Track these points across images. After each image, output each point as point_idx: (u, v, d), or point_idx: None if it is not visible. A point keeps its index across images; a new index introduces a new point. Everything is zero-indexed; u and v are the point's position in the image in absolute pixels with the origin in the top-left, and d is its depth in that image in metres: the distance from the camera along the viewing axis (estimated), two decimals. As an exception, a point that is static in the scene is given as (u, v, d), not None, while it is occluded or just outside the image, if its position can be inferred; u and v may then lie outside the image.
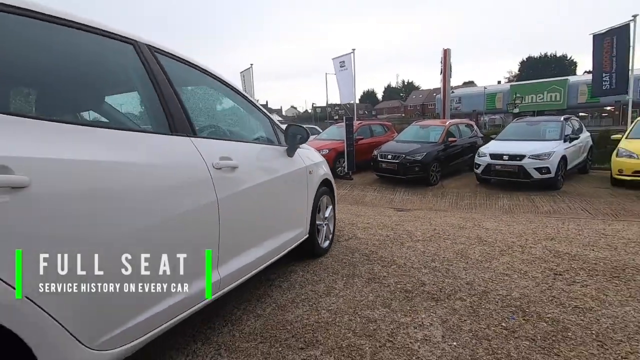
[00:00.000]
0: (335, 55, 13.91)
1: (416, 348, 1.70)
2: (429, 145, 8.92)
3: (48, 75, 1.29)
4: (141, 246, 1.27)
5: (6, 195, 0.90)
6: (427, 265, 2.84)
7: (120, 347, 1.21)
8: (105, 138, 1.26)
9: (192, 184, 1.54)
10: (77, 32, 1.31)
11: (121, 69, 1.53)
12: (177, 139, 1.55)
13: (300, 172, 2.63)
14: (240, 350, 1.71)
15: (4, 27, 1.10)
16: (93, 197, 1.12)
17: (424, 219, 5.01)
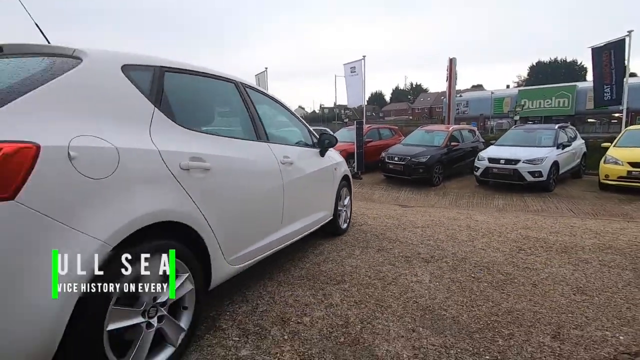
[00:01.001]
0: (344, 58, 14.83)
1: (411, 285, 2.57)
2: (433, 148, 9.73)
3: (204, 105, 2.22)
4: (255, 203, 2.19)
5: (202, 172, 1.79)
6: (424, 243, 3.69)
7: (237, 265, 2.10)
8: (235, 143, 2.17)
9: (271, 172, 2.44)
10: (210, 79, 2.21)
11: (229, 99, 2.43)
12: (261, 144, 2.44)
13: (328, 169, 3.51)
14: (294, 284, 2.59)
15: (178, 78, 1.99)
16: (236, 173, 2.05)
17: (424, 213, 5.85)
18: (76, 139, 1.28)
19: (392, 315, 2.14)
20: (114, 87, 1.56)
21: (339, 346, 1.82)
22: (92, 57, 1.52)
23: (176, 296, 1.62)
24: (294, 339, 1.88)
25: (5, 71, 1.50)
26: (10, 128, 1.16)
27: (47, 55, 1.55)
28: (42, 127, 1.23)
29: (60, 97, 1.34)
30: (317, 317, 2.12)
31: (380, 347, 1.82)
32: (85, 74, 1.46)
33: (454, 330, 1.98)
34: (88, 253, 1.23)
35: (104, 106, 1.49)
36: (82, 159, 1.27)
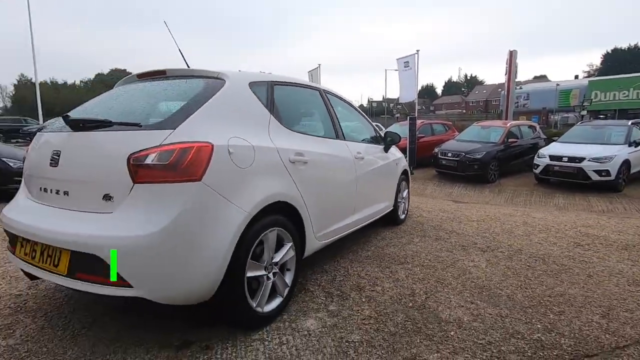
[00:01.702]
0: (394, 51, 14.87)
1: (469, 269, 2.89)
2: (489, 145, 9.60)
3: (300, 110, 2.73)
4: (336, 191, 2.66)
5: (303, 165, 2.28)
6: (479, 235, 3.94)
7: (322, 241, 2.57)
8: (322, 142, 2.65)
9: (348, 165, 2.89)
10: (303, 88, 2.71)
11: (316, 104, 2.91)
12: (340, 142, 2.90)
13: (391, 163, 3.89)
14: (363, 262, 3.02)
15: (282, 90, 2.48)
16: (324, 166, 2.54)
17: (479, 208, 5.97)
18: (231, 139, 1.82)
19: (452, 290, 2.49)
20: (246, 100, 2.09)
21: (408, 309, 2.23)
22: (231, 78, 2.06)
23: (283, 259, 2.13)
24: (370, 301, 2.32)
25: (173, 91, 2.09)
26: (195, 133, 1.71)
27: (199, 77, 2.11)
28: (211, 131, 1.77)
29: (218, 109, 1.89)
30: (387, 287, 2.54)
31: (444, 312, 2.19)
32: (229, 92, 1.99)
33: (509, 304, 2.29)
34: (239, 220, 1.76)
35: (241, 114, 2.02)
36: (236, 154, 1.81)
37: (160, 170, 1.61)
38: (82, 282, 1.62)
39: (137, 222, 1.56)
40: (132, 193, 1.60)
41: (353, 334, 1.95)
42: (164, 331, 1.95)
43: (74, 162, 1.78)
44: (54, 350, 1.81)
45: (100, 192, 1.65)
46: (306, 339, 1.90)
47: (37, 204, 1.93)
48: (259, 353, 1.78)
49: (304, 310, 2.21)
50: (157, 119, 1.80)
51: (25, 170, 2.12)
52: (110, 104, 2.14)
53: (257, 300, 1.94)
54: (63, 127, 1.89)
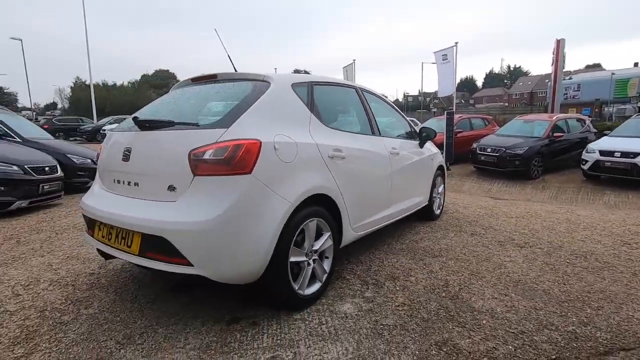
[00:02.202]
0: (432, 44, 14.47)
1: (504, 263, 2.90)
2: (532, 140, 9.19)
3: (337, 108, 2.88)
4: (371, 185, 2.78)
5: (340, 160, 2.42)
6: (518, 231, 3.88)
7: (358, 233, 2.71)
8: (359, 138, 2.78)
9: (383, 160, 2.99)
10: (340, 87, 2.84)
11: (353, 102, 3.04)
12: (375, 138, 3.01)
13: (426, 159, 3.93)
14: (397, 254, 3.13)
15: (321, 89, 2.63)
16: (360, 161, 2.67)
17: (519, 205, 5.80)
18: (277, 136, 2.00)
19: (486, 283, 2.54)
20: (289, 100, 2.27)
21: (441, 298, 2.32)
22: (276, 80, 2.25)
23: (322, 247, 2.30)
24: (404, 290, 2.43)
25: (224, 93, 2.31)
26: (245, 131, 1.91)
27: (247, 80, 2.32)
28: (259, 129, 1.96)
29: (265, 109, 2.08)
30: (420, 278, 2.63)
31: (477, 302, 2.26)
32: (274, 93, 2.18)
33: (544, 298, 2.31)
34: (283, 209, 1.94)
35: (284, 113, 2.20)
36: (281, 150, 1.99)
37: (216, 164, 1.82)
38: (151, 261, 1.88)
39: (197, 209, 1.78)
40: (193, 184, 1.84)
41: (387, 318, 2.08)
42: (216, 308, 2.19)
43: (143, 157, 2.05)
44: (126, 319, 2.10)
45: (166, 184, 1.90)
46: (343, 321, 2.05)
47: (111, 194, 2.23)
48: (300, 330, 1.96)
49: (341, 295, 2.37)
50: (213, 119, 2.02)
51: (100, 165, 2.44)
52: (171, 106, 2.41)
53: (298, 283, 2.13)
54: (132, 127, 2.17)
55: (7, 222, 4.22)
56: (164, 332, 1.96)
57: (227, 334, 1.93)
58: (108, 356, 1.76)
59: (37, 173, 4.79)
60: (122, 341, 1.88)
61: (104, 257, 2.35)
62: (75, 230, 3.90)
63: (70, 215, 4.61)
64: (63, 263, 2.95)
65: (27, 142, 5.99)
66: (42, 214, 4.68)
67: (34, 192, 4.73)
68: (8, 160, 4.53)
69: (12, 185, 4.44)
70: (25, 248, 3.33)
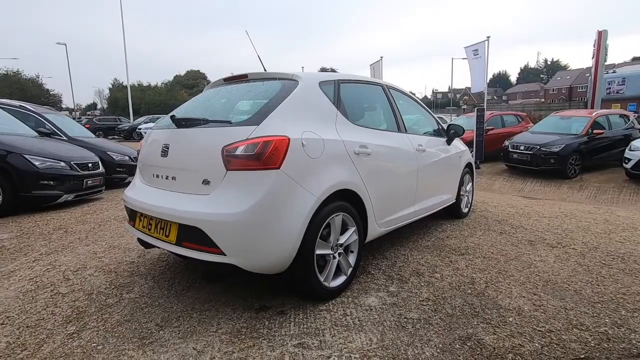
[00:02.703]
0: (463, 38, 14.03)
1: (534, 263, 2.84)
2: (569, 137, 8.79)
3: (363, 105, 2.92)
4: (397, 182, 2.81)
5: (366, 156, 2.47)
6: (550, 231, 3.76)
7: (383, 228, 2.74)
8: (384, 135, 2.81)
9: (409, 157, 3.01)
10: (366, 84, 2.88)
11: (379, 99, 3.07)
12: (401, 135, 3.02)
13: (454, 156, 3.89)
14: (423, 251, 3.13)
15: (347, 87, 2.68)
16: (386, 158, 2.70)
17: (553, 205, 5.59)
18: (304, 133, 2.08)
19: (514, 282, 2.50)
20: (316, 98, 2.34)
21: (466, 295, 2.32)
22: (304, 79, 2.33)
23: (347, 241, 2.35)
24: (429, 286, 2.45)
25: (255, 92, 2.42)
26: (275, 128, 2.00)
27: (277, 79, 2.41)
28: (287, 126, 2.05)
29: (293, 107, 2.17)
30: (446, 274, 2.63)
31: (503, 300, 2.24)
32: (302, 91, 2.26)
33: (575, 299, 2.25)
34: (310, 203, 2.02)
35: (312, 111, 2.28)
36: (308, 146, 2.07)
37: (247, 159, 1.93)
38: (187, 249, 2.01)
39: (229, 202, 1.89)
40: (225, 178, 1.95)
41: (411, 312, 2.11)
42: (246, 296, 2.31)
43: (180, 153, 2.19)
44: (164, 304, 2.25)
45: (201, 178, 2.03)
46: (368, 313, 2.11)
47: (151, 187, 2.39)
48: (325, 320, 2.03)
49: (365, 289, 2.42)
50: (244, 117, 2.13)
51: (140, 160, 2.62)
52: (205, 105, 2.55)
53: (324, 275, 2.20)
54: (170, 125, 2.32)
55: (56, 213, 4.57)
56: (198, 316, 2.10)
57: (256, 321, 2.03)
58: (149, 336, 1.91)
59: (82, 169, 5.15)
60: (160, 323, 2.03)
61: (143, 246, 2.52)
62: (115, 222, 4.17)
63: (111, 208, 4.93)
64: (106, 252, 3.18)
65: (72, 140, 6.44)
66: (86, 207, 5.03)
67: (79, 187, 5.09)
68: (56, 157, 4.91)
69: (60, 180, 4.80)
70: (72, 237, 3.61)
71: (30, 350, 1.80)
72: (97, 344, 1.84)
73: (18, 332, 1.95)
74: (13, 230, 3.84)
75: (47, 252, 3.21)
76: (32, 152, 4.66)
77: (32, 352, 1.79)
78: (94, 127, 20.43)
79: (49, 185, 4.70)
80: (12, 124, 5.51)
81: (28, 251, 3.24)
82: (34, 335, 1.92)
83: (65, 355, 1.76)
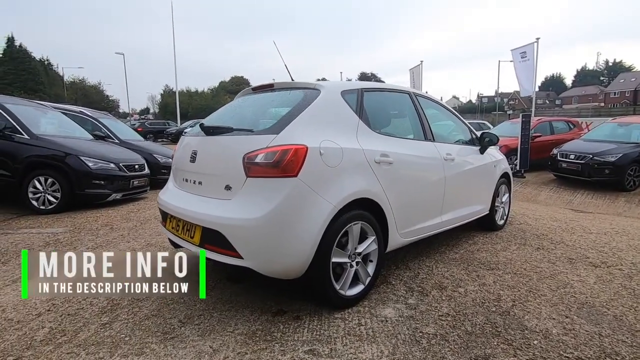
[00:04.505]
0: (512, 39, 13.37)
1: (571, 282, 2.64)
2: (628, 145, 8.05)
3: (387, 114, 2.91)
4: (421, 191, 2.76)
5: (387, 165, 2.45)
6: (595, 249, 3.47)
7: (405, 239, 2.69)
8: (409, 143, 2.78)
9: (435, 166, 2.93)
10: (392, 92, 2.86)
11: (405, 107, 3.03)
12: (429, 143, 2.96)
13: (487, 165, 3.72)
14: (449, 264, 3.02)
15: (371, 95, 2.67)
16: (409, 166, 2.67)
17: (604, 220, 5.14)
18: (323, 142, 2.11)
19: (545, 302, 2.35)
20: (337, 107, 2.37)
21: (489, 313, 2.21)
22: (326, 88, 2.37)
23: (366, 250, 2.34)
24: (450, 300, 2.37)
25: (279, 101, 2.50)
26: (293, 137, 2.06)
27: (300, 88, 2.48)
28: (306, 135, 2.10)
29: (313, 116, 2.21)
30: (470, 290, 2.53)
31: (530, 321, 2.11)
32: (323, 101, 2.30)
33: (614, 325, 2.06)
34: (326, 211, 2.04)
35: (333, 120, 2.31)
36: (326, 155, 2.10)
37: (266, 167, 2.00)
38: (208, 251, 2.12)
39: (248, 207, 1.97)
40: (246, 185, 2.03)
41: (428, 327, 2.05)
42: (264, 300, 2.37)
43: (206, 159, 2.32)
44: (189, 302, 2.38)
45: (223, 183, 2.13)
46: (382, 324, 2.08)
47: (181, 190, 2.55)
48: (339, 329, 2.04)
49: (383, 299, 2.39)
50: (265, 125, 2.21)
51: (173, 165, 2.80)
52: (233, 113, 2.67)
53: (340, 283, 2.21)
54: (199, 132, 2.46)
55: (105, 211, 4.98)
56: (218, 316, 2.19)
57: (272, 325, 2.08)
58: (171, 331, 2.03)
59: (129, 170, 5.57)
60: (183, 320, 2.15)
61: (173, 246, 2.68)
62: (155, 221, 4.46)
63: (152, 207, 5.27)
64: (143, 248, 3.41)
65: (123, 143, 6.99)
66: (131, 205, 5.42)
67: (126, 187, 5.50)
68: (107, 158, 5.35)
69: (109, 180, 5.23)
70: (116, 234, 3.92)
71: (68, 336, 1.99)
72: (125, 335, 2.00)
73: (60, 319, 2.16)
74: (67, 225, 4.25)
75: (93, 246, 3.52)
76: (86, 153, 5.13)
77: (69, 338, 1.98)
78: (145, 131, 21.96)
79: (100, 185, 5.14)
80: (71, 127, 6.10)
81: (77, 245, 3.56)
82: (72, 323, 2.12)
83: (96, 344, 1.92)
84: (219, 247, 2.06)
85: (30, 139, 4.89)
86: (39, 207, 4.81)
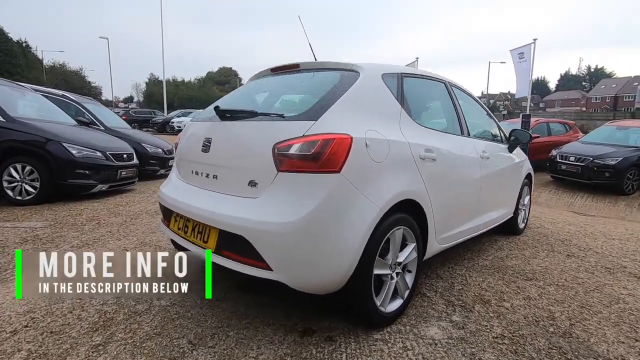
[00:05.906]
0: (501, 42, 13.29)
1: (622, 297, 2.40)
2: (628, 149, 8.04)
3: (426, 104, 2.60)
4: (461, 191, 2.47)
5: (431, 162, 2.13)
6: (627, 257, 3.27)
7: (441, 245, 2.40)
8: (449, 138, 2.46)
9: (474, 164, 2.64)
10: (429, 80, 2.54)
11: (442, 98, 2.71)
12: (466, 139, 2.66)
13: (516, 165, 3.47)
14: (482, 272, 2.75)
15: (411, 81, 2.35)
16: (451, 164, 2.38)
17: (617, 224, 5.01)
18: (368, 132, 1.78)
19: (604, 321, 2.09)
20: (379, 92, 2.03)
21: (549, 334, 1.93)
22: (366, 69, 2.02)
23: (406, 259, 2.03)
24: (500, 318, 2.08)
25: (310, 83, 2.14)
26: (335, 124, 1.71)
27: (334, 69, 2.12)
28: (349, 123, 1.75)
29: (354, 101, 1.86)
30: (517, 305, 2.25)
31: (599, 346, 1.84)
32: (364, 84, 1.96)
33: (693, 351, 1.82)
34: (372, 215, 1.71)
35: (375, 106, 1.97)
36: (372, 147, 1.76)
37: (302, 160, 1.64)
38: (227, 260, 1.76)
39: (281, 209, 1.62)
40: (276, 181, 1.68)
41: (486, 352, 1.76)
42: (286, 315, 2.03)
43: (223, 149, 1.94)
44: (197, 317, 2.02)
45: (247, 178, 1.77)
46: (432, 349, 1.77)
47: (189, 185, 2.17)
48: (384, 354, 1.72)
49: (423, 316, 2.09)
50: (299, 110, 1.85)
51: (177, 155, 2.40)
52: (250, 96, 2.30)
53: (380, 299, 1.89)
54: (213, 117, 2.08)
55: (90, 203, 4.51)
56: (235, 335, 1.84)
57: (302, 348, 1.75)
58: (180, 356, 1.67)
59: (117, 159, 5.09)
60: (193, 341, 1.79)
61: (177, 249, 2.30)
62: (147, 216, 4.04)
63: (143, 201, 4.82)
64: (137, 248, 3.01)
65: (109, 130, 6.45)
66: (119, 198, 4.96)
67: (113, 177, 5.03)
68: (93, 146, 4.86)
69: (95, 169, 4.75)
70: (104, 230, 3.49)
71: (52, 363, 1.60)
72: (124, 362, 1.62)
73: (41, 339, 1.77)
74: (47, 219, 3.78)
75: (78, 244, 3.09)
76: (70, 140, 4.62)
77: (53, 366, 1.59)
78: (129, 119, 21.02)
79: (85, 175, 4.65)
80: (53, 112, 5.54)
81: (60, 242, 3.12)
82: (57, 345, 1.73)
83: (88, 374, 1.54)
84: (241, 256, 1.70)
85: (7, 122, 4.36)
86: (14, 198, 4.31)
